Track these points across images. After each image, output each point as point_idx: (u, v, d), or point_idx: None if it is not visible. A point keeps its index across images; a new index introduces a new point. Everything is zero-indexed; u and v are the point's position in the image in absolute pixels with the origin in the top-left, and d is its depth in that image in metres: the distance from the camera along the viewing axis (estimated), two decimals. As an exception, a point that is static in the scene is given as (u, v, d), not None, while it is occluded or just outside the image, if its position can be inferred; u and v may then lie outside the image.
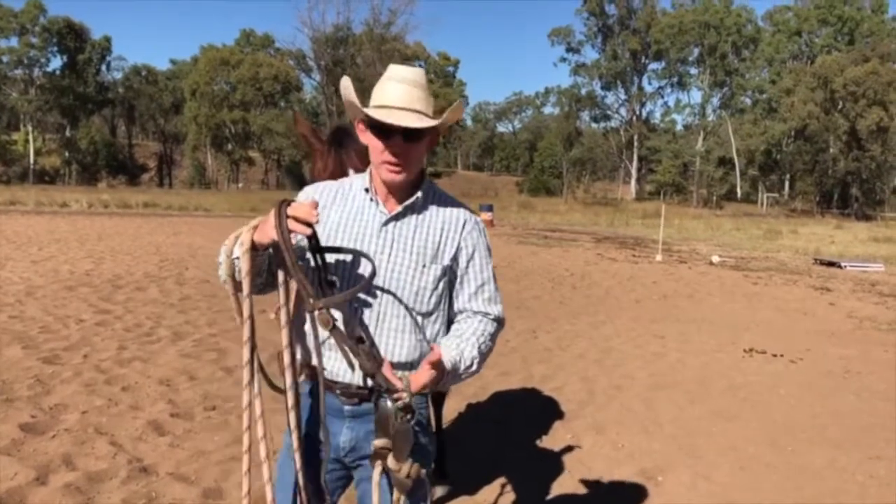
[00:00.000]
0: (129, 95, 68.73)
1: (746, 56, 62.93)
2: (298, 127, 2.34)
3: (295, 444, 1.61)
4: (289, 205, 1.49)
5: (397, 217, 1.70)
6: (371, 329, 1.65)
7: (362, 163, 2.18)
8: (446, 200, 1.78)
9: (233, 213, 28.01)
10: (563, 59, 68.35)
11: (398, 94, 1.62)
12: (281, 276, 1.56)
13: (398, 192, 1.70)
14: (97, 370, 5.13)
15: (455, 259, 1.72)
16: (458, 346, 1.64)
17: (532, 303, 9.76)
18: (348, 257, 1.66)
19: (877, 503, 3.73)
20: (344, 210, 1.72)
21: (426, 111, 1.64)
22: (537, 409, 5.05)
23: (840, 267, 17.18)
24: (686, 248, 21.35)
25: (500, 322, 1.78)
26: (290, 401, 1.60)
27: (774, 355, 7.07)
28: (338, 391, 1.66)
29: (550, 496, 3.63)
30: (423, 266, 1.68)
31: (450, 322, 1.78)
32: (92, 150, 60.72)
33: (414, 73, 1.67)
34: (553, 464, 4.06)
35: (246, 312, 1.52)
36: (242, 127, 58.02)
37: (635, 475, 3.94)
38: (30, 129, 58.26)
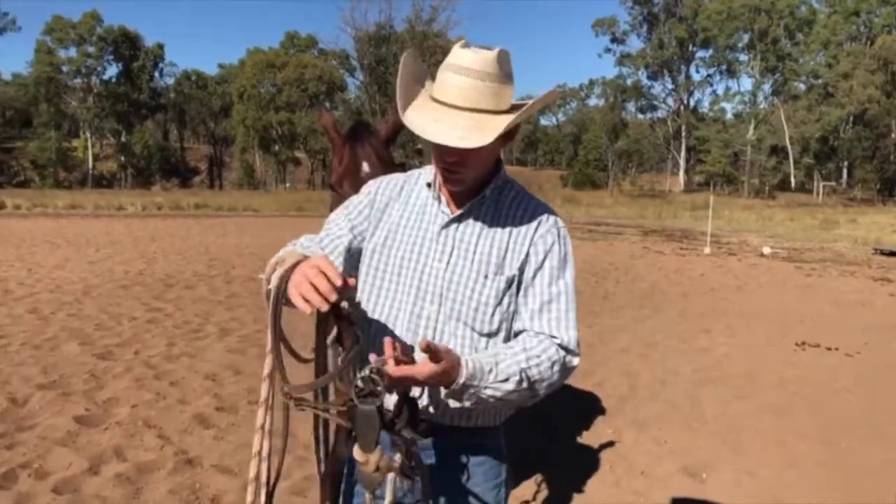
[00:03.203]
0: (180, 100, 70.90)
1: (800, 40, 60.59)
2: (321, 120, 2.36)
3: None
4: (293, 269, 1.20)
5: (460, 218, 1.45)
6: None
7: (378, 157, 2.18)
8: (523, 198, 1.50)
9: (280, 213, 28.65)
10: (608, 50, 67.22)
11: (456, 90, 1.33)
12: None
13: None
14: (147, 366, 5.32)
15: (522, 268, 1.43)
16: (496, 356, 1.32)
17: (575, 297, 9.64)
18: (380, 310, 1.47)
19: (937, 503, 3.55)
20: (406, 208, 1.51)
21: (494, 106, 1.34)
22: (577, 404, 4.98)
23: (902, 257, 16.42)
24: (736, 240, 20.74)
25: (568, 350, 1.39)
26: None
27: (829, 349, 6.81)
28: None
29: (591, 492, 3.59)
30: (485, 276, 1.41)
31: None
32: (146, 155, 62.83)
33: (481, 62, 1.33)
34: (594, 459, 4.01)
35: (269, 345, 1.25)
36: (288, 128, 59.01)
37: (678, 472, 3.86)
38: (88, 135, 60.72)
